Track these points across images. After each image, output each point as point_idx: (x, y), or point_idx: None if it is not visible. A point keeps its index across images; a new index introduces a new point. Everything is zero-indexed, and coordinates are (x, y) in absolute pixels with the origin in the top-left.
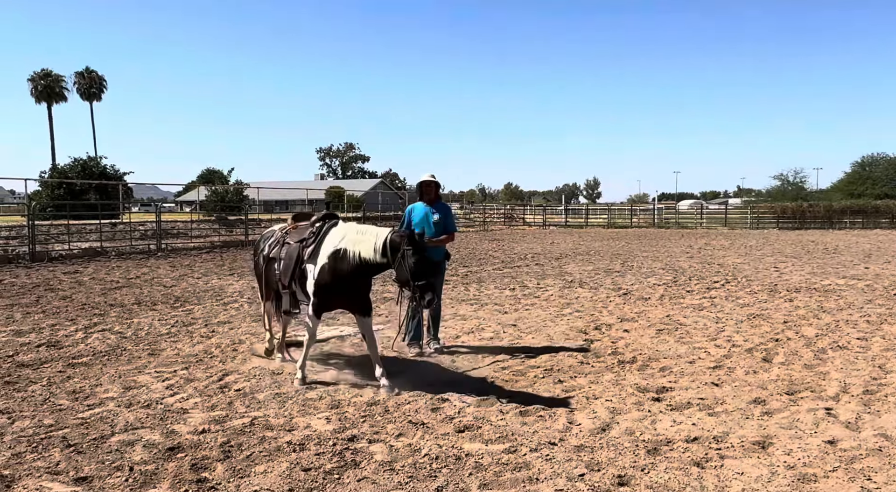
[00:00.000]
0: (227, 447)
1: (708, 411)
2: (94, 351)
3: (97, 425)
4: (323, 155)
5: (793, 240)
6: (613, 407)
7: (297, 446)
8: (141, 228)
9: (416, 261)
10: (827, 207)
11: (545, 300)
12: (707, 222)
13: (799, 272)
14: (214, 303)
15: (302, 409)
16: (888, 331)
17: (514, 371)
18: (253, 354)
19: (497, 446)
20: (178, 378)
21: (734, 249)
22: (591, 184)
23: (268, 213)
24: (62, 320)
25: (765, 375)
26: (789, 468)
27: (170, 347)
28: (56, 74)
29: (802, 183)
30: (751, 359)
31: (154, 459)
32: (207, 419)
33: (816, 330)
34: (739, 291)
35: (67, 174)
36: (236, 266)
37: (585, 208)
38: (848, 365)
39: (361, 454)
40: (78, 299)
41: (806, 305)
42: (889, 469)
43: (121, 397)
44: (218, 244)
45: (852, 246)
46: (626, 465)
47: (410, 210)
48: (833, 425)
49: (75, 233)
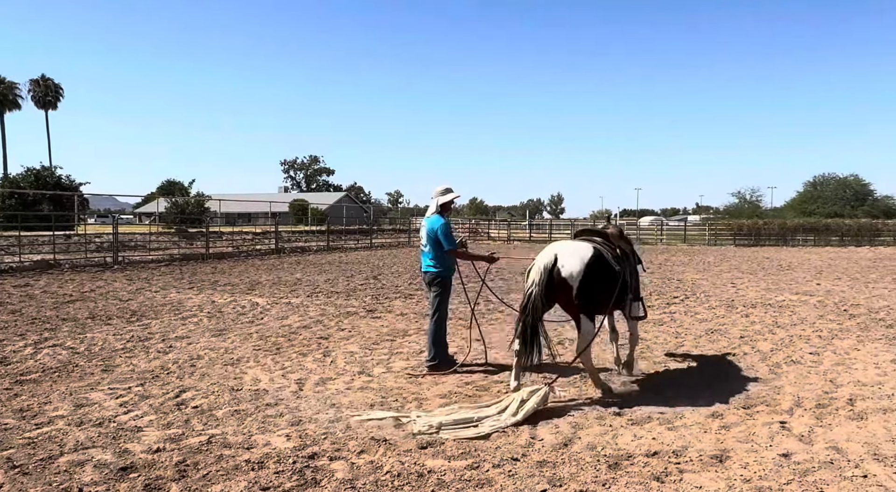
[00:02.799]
0: (183, 467)
1: (668, 426)
2: (44, 367)
3: (45, 444)
4: (287, 167)
5: (749, 256)
6: (575, 422)
7: (255, 464)
8: (97, 240)
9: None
10: (781, 224)
11: (509, 314)
12: (667, 239)
13: (755, 288)
14: (172, 317)
15: (261, 426)
16: (839, 346)
17: (477, 386)
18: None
19: (460, 462)
20: (132, 395)
21: (693, 265)
22: (555, 199)
23: (230, 225)
24: (10, 335)
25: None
26: (746, 482)
27: (124, 362)
28: (10, 81)
29: (758, 201)
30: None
31: (105, 480)
32: (163, 437)
33: (771, 345)
34: (698, 307)
35: (19, 184)
36: (196, 279)
37: (549, 223)
38: (801, 379)
39: (322, 472)
40: (28, 313)
41: (761, 321)
42: (840, 481)
43: (71, 416)
44: (178, 257)
45: (805, 263)
46: (588, 480)
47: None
48: (787, 439)
49: (27, 245)
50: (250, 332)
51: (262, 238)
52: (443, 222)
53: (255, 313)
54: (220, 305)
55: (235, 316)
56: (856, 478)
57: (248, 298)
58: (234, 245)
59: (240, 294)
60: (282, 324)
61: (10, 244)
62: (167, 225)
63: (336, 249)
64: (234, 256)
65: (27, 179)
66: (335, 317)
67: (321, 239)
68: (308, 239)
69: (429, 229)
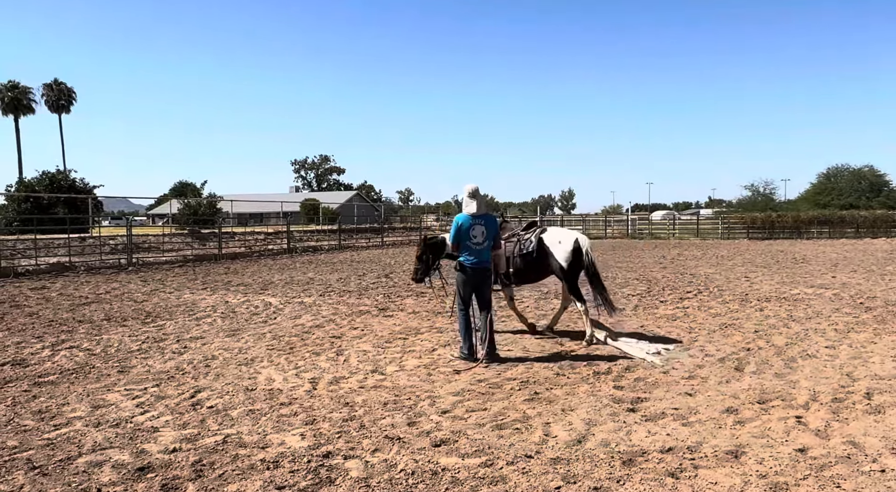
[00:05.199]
0: (199, 466)
1: (682, 421)
2: (62, 369)
3: (64, 445)
4: (298, 167)
5: (762, 250)
6: (589, 419)
7: (270, 463)
8: (111, 242)
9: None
10: (795, 217)
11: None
12: (679, 233)
13: (769, 282)
14: (187, 318)
15: (276, 425)
16: (855, 339)
17: (490, 384)
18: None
19: (473, 460)
20: (148, 396)
21: (706, 259)
22: (567, 195)
23: (242, 226)
24: (28, 338)
25: (737, 384)
26: (761, 477)
27: (140, 363)
28: (24, 86)
29: (772, 194)
30: (723, 368)
31: (123, 480)
32: (179, 438)
33: (786, 339)
34: (711, 301)
35: (35, 188)
36: (209, 280)
37: (560, 219)
38: (817, 373)
39: (336, 471)
40: (45, 316)
41: (776, 315)
42: (857, 476)
43: (89, 417)
44: (191, 258)
45: (820, 256)
46: (602, 477)
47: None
48: (803, 434)
49: (43, 248)
50: (264, 332)
51: (274, 238)
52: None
53: (269, 313)
54: (233, 305)
55: (249, 316)
56: (873, 473)
57: (261, 298)
58: (246, 245)
59: (253, 294)
60: (295, 323)
61: (27, 247)
62: (180, 226)
63: (347, 248)
64: (246, 256)
65: (42, 182)
66: (348, 316)
67: (332, 238)
68: (319, 238)
69: (493, 227)
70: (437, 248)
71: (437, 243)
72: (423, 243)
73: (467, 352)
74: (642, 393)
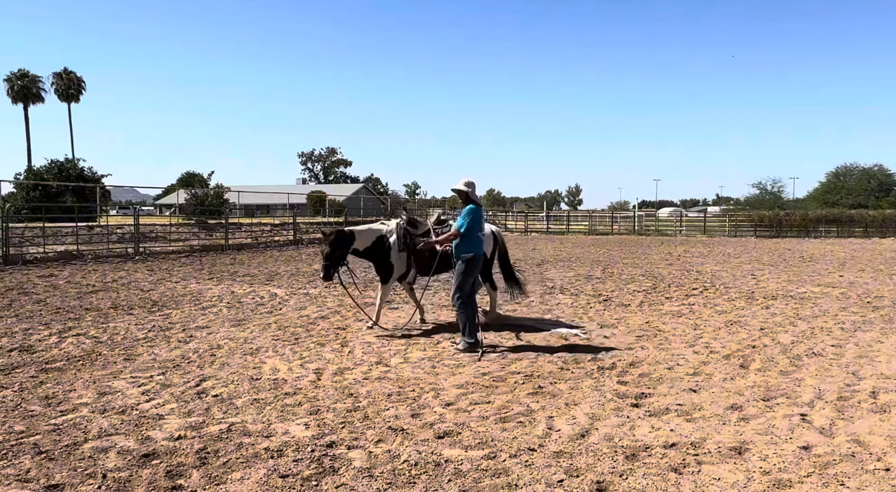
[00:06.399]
0: (204, 454)
1: (686, 417)
2: (69, 356)
3: (70, 431)
4: (305, 159)
5: (770, 248)
6: (593, 413)
7: (274, 452)
8: (119, 232)
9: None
10: (803, 215)
11: (525, 306)
12: (686, 230)
13: (775, 280)
14: (193, 307)
15: (280, 414)
16: (861, 338)
17: (494, 377)
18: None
19: (477, 452)
20: (154, 383)
21: (712, 257)
22: (573, 191)
23: (248, 217)
24: (35, 325)
25: (742, 381)
26: (765, 474)
27: (146, 352)
28: (33, 75)
29: (780, 192)
30: (728, 365)
31: (128, 466)
32: (183, 425)
33: (792, 337)
34: (717, 299)
35: (43, 176)
36: (216, 270)
37: (567, 215)
38: (822, 372)
39: (340, 461)
40: (52, 303)
41: (782, 313)
42: (862, 474)
43: (95, 403)
44: (197, 248)
45: (827, 254)
46: (605, 471)
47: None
48: (808, 431)
49: (51, 236)
50: (269, 322)
51: (281, 229)
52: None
53: (274, 304)
54: (239, 295)
55: (254, 306)
56: (878, 471)
57: (266, 289)
58: (252, 236)
59: (259, 285)
60: (300, 314)
61: (35, 235)
62: (187, 216)
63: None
64: (252, 247)
65: (51, 171)
66: (353, 307)
67: None
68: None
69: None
70: (346, 242)
71: (345, 236)
72: (335, 237)
73: (472, 342)
74: (646, 388)
